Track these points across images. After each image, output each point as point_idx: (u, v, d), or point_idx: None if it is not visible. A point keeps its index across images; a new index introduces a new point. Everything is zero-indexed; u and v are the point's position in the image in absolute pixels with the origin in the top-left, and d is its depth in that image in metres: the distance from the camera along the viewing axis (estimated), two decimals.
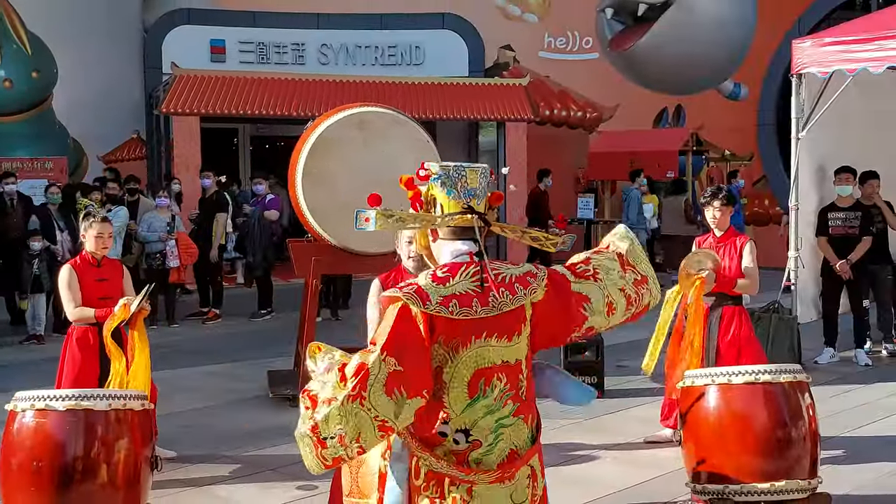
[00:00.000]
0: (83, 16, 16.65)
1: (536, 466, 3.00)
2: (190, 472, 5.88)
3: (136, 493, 4.43)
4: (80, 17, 16.61)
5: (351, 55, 17.98)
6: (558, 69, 18.78)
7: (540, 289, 2.92)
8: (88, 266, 5.85)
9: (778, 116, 18.65)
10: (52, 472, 4.23)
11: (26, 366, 8.99)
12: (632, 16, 19.08)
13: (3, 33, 15.69)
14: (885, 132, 9.50)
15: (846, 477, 5.53)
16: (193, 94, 14.69)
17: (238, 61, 17.23)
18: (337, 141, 7.12)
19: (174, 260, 10.95)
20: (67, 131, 16.74)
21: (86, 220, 6.00)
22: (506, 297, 2.85)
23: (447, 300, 2.80)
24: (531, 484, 2.98)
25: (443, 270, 2.89)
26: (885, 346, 9.17)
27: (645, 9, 18.80)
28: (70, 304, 5.77)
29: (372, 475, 3.32)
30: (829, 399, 7.08)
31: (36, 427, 4.31)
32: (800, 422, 4.63)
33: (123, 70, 17.42)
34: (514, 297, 2.86)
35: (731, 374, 4.72)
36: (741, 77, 19.79)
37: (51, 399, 4.35)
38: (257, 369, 8.53)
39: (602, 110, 17.68)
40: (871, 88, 8.83)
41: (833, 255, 8.74)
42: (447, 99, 15.89)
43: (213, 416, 7.21)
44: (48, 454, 4.25)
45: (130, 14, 18.08)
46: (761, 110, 19.74)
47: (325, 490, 4.97)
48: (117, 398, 4.43)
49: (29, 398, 4.39)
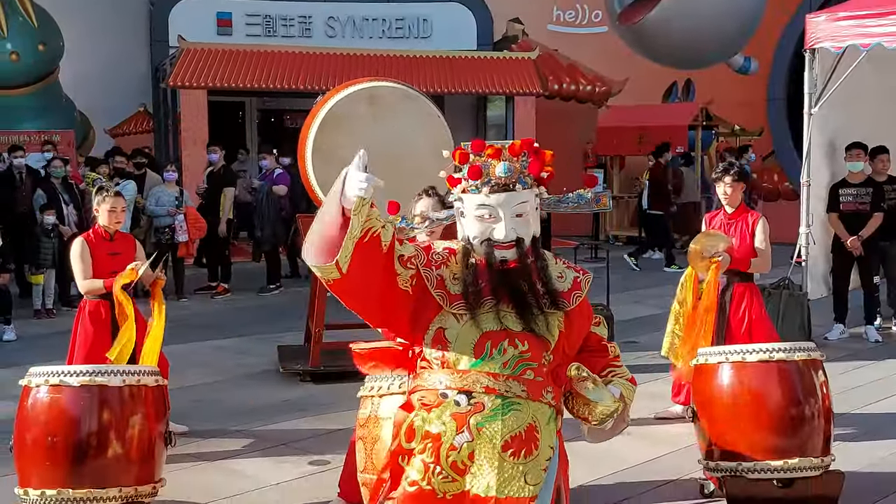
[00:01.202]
0: None
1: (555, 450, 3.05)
2: (202, 446, 5.91)
3: (149, 468, 4.45)
4: None
5: (358, 28, 17.87)
6: (567, 43, 18.64)
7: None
8: (101, 240, 5.85)
9: (788, 91, 18.50)
10: (66, 447, 4.24)
11: (36, 340, 9.03)
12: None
13: (10, 6, 15.60)
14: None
15: (859, 454, 5.53)
16: (200, 67, 14.63)
17: (244, 34, 17.13)
18: (347, 116, 7.08)
19: (183, 234, 10.95)
20: (74, 104, 16.70)
21: (98, 194, 6.00)
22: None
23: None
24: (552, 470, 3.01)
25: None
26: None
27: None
28: (81, 277, 5.78)
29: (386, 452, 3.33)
30: (839, 375, 7.06)
31: (50, 402, 4.32)
32: (813, 399, 4.62)
33: (130, 43, 17.34)
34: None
35: (745, 352, 4.71)
36: (751, 51, 19.57)
37: (65, 375, 4.35)
38: (267, 344, 8.55)
39: (611, 84, 17.55)
40: (884, 64, 8.75)
41: (844, 232, 8.71)
42: (455, 72, 15.79)
43: (223, 391, 7.23)
44: (62, 429, 4.26)
45: None
46: (771, 85, 19.56)
47: (337, 465, 5.01)
48: (131, 374, 4.44)
49: (43, 373, 4.39)
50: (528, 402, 2.94)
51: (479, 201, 3.01)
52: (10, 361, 7.92)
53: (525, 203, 3.03)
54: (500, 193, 2.99)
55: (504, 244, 3.00)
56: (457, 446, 2.89)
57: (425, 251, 3.07)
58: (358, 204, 2.74)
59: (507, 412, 2.91)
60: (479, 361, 2.95)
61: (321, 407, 6.70)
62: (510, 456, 2.88)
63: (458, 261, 3.06)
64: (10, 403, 5.20)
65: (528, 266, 3.04)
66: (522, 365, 2.97)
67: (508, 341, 2.96)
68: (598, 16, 19.55)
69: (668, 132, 15.66)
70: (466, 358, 2.96)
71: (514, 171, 3.01)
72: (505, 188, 3.00)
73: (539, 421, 2.95)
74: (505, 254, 3.02)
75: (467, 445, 2.88)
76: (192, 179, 12.97)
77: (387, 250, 2.88)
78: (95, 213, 5.97)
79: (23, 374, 4.53)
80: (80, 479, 4.22)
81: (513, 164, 3.01)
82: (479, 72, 15.93)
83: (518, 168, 3.02)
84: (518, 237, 3.01)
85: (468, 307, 2.97)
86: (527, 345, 2.98)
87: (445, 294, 3.01)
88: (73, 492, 4.20)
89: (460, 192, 3.08)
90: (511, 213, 3.00)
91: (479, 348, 2.96)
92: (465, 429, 2.89)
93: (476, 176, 3.00)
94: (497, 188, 3.00)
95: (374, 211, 2.81)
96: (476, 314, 2.97)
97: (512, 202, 2.99)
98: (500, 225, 2.99)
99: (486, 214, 3.01)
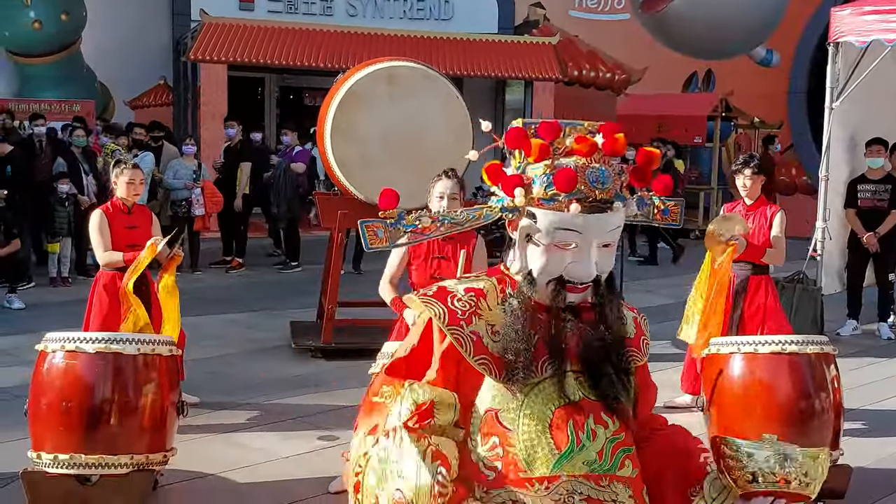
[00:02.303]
0: None
1: None
2: (211, 418, 5.95)
3: (161, 437, 4.47)
4: None
5: (379, 8, 17.84)
6: (588, 29, 18.57)
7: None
8: (119, 212, 5.87)
9: (809, 84, 18.37)
10: (80, 412, 4.26)
11: (51, 307, 9.08)
12: None
13: None
14: None
15: (868, 449, 5.52)
16: (221, 42, 14.64)
17: (266, 10, 17.15)
18: (366, 95, 7.08)
19: (199, 208, 11.00)
20: (95, 75, 16.74)
21: (117, 166, 6.02)
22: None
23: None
24: None
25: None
26: None
27: None
28: (100, 249, 5.80)
29: None
30: (850, 371, 7.03)
31: (66, 368, 4.34)
32: (823, 393, 4.60)
33: (151, 16, 17.36)
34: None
35: (756, 344, 4.69)
36: (774, 43, 19.47)
37: (81, 341, 4.37)
38: (280, 319, 8.59)
39: (631, 72, 17.48)
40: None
41: (861, 228, 8.66)
42: (475, 56, 15.75)
43: (235, 364, 7.27)
44: (77, 395, 4.28)
45: None
46: (793, 78, 19.45)
47: (345, 441, 5.01)
48: (146, 343, 4.46)
49: (59, 339, 4.42)
50: None
51: (565, 224, 2.09)
52: (25, 328, 7.99)
53: (618, 230, 2.17)
54: (593, 214, 2.09)
55: (580, 286, 2.14)
56: None
57: (439, 298, 2.20)
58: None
59: None
60: (566, 454, 2.05)
61: (331, 383, 6.74)
62: None
63: (490, 305, 2.19)
64: (26, 369, 5.23)
65: (606, 314, 2.18)
66: (621, 452, 2.12)
67: (595, 418, 2.10)
68: (620, 2, 19.48)
69: (687, 122, 15.61)
70: (545, 448, 2.05)
71: (614, 181, 2.12)
72: (601, 207, 2.10)
73: None
74: (576, 297, 2.15)
75: None
76: (209, 154, 13.01)
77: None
78: (114, 185, 6.00)
79: (38, 341, 4.56)
80: (93, 444, 4.24)
81: (611, 170, 2.12)
82: (498, 55, 15.89)
83: (615, 175, 2.13)
84: (597, 274, 2.15)
85: (520, 376, 2.10)
86: (617, 422, 2.13)
87: (490, 361, 2.13)
88: (86, 457, 4.22)
89: (525, 201, 2.13)
90: (600, 243, 2.14)
91: (559, 433, 2.07)
92: None
93: (568, 186, 2.06)
94: (591, 206, 2.09)
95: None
96: (535, 382, 2.12)
97: (605, 227, 2.12)
98: (585, 259, 2.11)
99: (572, 243, 2.11)
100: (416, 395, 2.08)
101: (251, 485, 4.92)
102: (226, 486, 4.91)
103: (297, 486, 4.89)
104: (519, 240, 2.18)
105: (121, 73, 16.70)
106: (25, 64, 15.98)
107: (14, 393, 6.08)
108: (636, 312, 2.37)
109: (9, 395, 6.20)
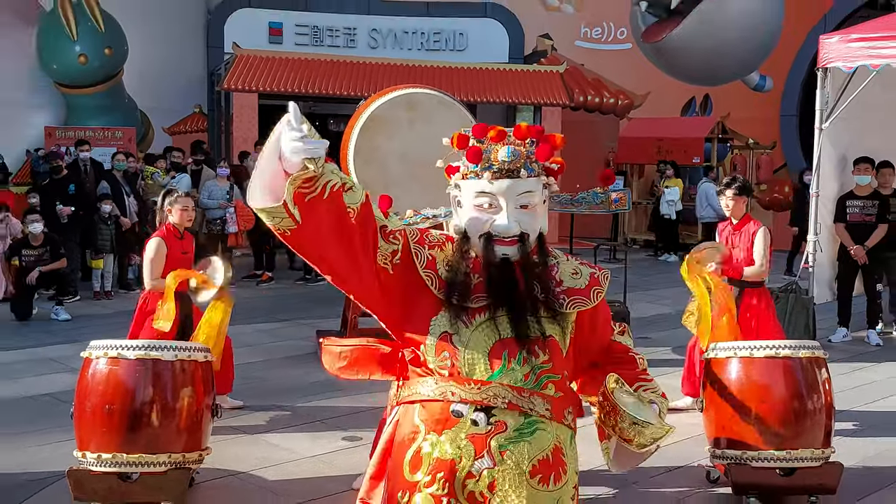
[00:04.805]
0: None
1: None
2: (245, 420, 5.97)
3: (197, 437, 4.49)
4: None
5: (399, 40, 17.90)
6: (593, 58, 18.57)
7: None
8: (175, 239, 5.95)
9: (800, 108, 18.33)
10: (122, 415, 4.28)
11: (94, 318, 9.16)
12: (665, 8, 18.80)
13: (80, 12, 15.81)
14: None
15: (857, 449, 5.48)
16: (252, 72, 14.74)
17: (294, 43, 17.22)
18: (387, 120, 7.11)
19: (233, 226, 11.08)
20: (136, 104, 16.88)
21: (169, 195, 6.09)
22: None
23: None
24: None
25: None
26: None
27: (678, 2, 18.52)
28: (149, 276, 5.86)
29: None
30: (841, 376, 6.99)
31: (108, 373, 4.36)
32: (815, 395, 4.58)
33: (188, 49, 17.48)
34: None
35: (752, 348, 4.68)
36: (767, 70, 19.41)
37: (122, 348, 4.40)
38: (307, 329, 8.62)
39: (633, 98, 17.48)
40: (892, 83, 8.64)
41: (850, 241, 8.62)
42: (488, 83, 15.80)
43: (266, 370, 7.30)
44: (119, 399, 4.31)
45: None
46: (785, 102, 19.36)
47: (368, 441, 5.02)
48: (183, 350, 4.48)
49: (102, 347, 4.44)
50: (551, 422, 2.38)
51: (479, 188, 2.42)
52: (70, 338, 8.06)
53: (531, 193, 2.43)
54: (503, 180, 2.40)
55: (506, 239, 2.40)
56: (475, 474, 2.30)
57: (420, 231, 2.54)
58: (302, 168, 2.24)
59: (533, 432, 2.34)
60: (498, 372, 2.35)
61: (354, 387, 6.70)
62: (539, 483, 2.33)
63: (453, 249, 2.48)
64: (72, 375, 5.28)
65: (532, 265, 2.44)
66: (545, 377, 2.39)
67: (528, 350, 2.37)
68: (622, 33, 19.47)
69: (686, 144, 15.59)
70: (482, 367, 2.36)
71: (520, 156, 2.43)
72: (509, 174, 2.41)
73: (563, 442, 2.41)
74: (506, 251, 2.40)
75: (488, 473, 2.30)
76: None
77: (357, 215, 2.33)
78: (168, 213, 6.04)
79: (83, 350, 4.59)
80: (134, 444, 4.27)
81: (518, 149, 2.44)
82: (509, 83, 15.93)
83: (524, 153, 2.44)
84: (522, 231, 2.41)
85: (455, 297, 2.39)
86: (548, 354, 2.40)
87: (434, 276, 2.42)
88: (127, 456, 4.25)
89: (458, 179, 2.50)
90: (515, 203, 2.41)
91: (496, 357, 2.37)
92: (485, 453, 2.30)
93: (475, 159, 2.43)
94: (500, 174, 2.41)
95: (329, 165, 2.30)
96: (472, 321, 2.39)
97: (516, 190, 2.41)
98: (502, 214, 2.40)
99: (487, 203, 2.42)
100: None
101: (280, 482, 4.93)
102: (257, 483, 4.93)
103: (324, 483, 4.90)
104: (453, 206, 2.53)
105: (159, 102, 16.82)
106: (72, 94, 16.12)
107: (60, 398, 6.12)
108: (597, 269, 2.61)
109: (56, 399, 6.25)
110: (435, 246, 2.48)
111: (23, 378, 6.98)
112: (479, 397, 2.33)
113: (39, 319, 9.26)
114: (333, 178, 2.28)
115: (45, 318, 9.24)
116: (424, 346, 2.41)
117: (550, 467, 2.36)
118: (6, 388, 6.70)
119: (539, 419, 2.36)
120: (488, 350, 2.37)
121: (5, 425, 5.77)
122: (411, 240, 2.45)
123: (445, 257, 2.46)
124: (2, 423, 5.82)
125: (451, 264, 2.43)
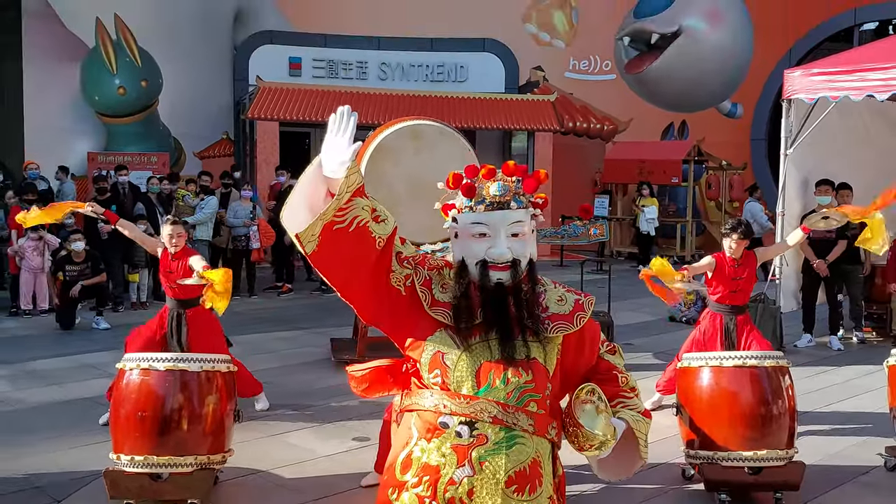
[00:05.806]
0: (185, 35, 16.76)
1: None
2: (265, 422, 5.95)
3: (221, 440, 4.50)
4: (183, 36, 16.73)
5: (405, 72, 17.94)
6: (581, 88, 18.60)
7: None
8: (166, 256, 5.94)
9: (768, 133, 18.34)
10: (153, 421, 4.30)
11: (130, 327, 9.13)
12: (646, 43, 18.85)
13: (119, 48, 15.90)
14: (862, 150, 9.32)
15: (819, 447, 5.46)
16: (274, 102, 14.77)
17: (312, 76, 17.27)
18: (393, 149, 7.12)
19: (256, 242, 11.09)
20: (170, 131, 16.94)
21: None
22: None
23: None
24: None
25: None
26: (856, 333, 9.01)
27: (657, 38, 18.58)
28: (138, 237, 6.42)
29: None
30: (805, 379, 6.98)
31: (141, 383, 4.37)
32: (780, 400, 4.57)
33: (216, 81, 17.54)
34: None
35: (722, 359, 4.67)
36: (738, 98, 19.45)
37: (153, 360, 4.41)
38: (322, 337, 8.60)
39: (618, 123, 17.48)
40: (850, 113, 8.67)
41: (813, 255, 8.60)
42: (486, 111, 15.81)
43: (284, 375, 7.27)
44: (150, 406, 4.32)
45: (223, 35, 18.16)
46: (754, 127, 19.38)
47: (376, 442, 5.01)
48: (208, 361, 4.49)
49: (135, 359, 4.46)
50: (532, 437, 2.39)
51: (474, 219, 2.47)
52: (109, 346, 8.07)
53: (521, 223, 2.47)
54: (495, 211, 2.46)
55: (499, 264, 2.43)
56: (456, 481, 2.32)
57: (423, 255, 2.59)
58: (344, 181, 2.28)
59: (512, 446, 2.35)
60: (483, 390, 2.37)
61: None
62: (514, 493, 2.34)
63: (451, 275, 2.51)
64: (110, 380, 5.29)
65: (522, 291, 2.47)
66: (527, 396, 2.40)
67: (512, 371, 2.38)
68: (608, 66, 19.50)
69: (665, 165, 15.59)
70: (469, 385, 2.38)
71: (509, 190, 2.49)
72: (500, 206, 2.46)
73: (542, 456, 2.41)
74: (500, 275, 2.43)
75: (467, 480, 2.32)
76: (264, 196, 13.07)
77: (382, 247, 2.39)
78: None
79: (119, 357, 4.62)
80: (164, 447, 4.28)
81: (507, 184, 2.50)
82: (506, 111, 15.94)
83: (513, 188, 2.50)
84: (514, 258, 2.44)
85: (455, 320, 2.42)
86: (531, 374, 2.41)
87: (429, 294, 2.46)
88: (157, 458, 4.26)
89: (455, 213, 2.53)
90: (507, 232, 2.45)
91: (482, 376, 2.39)
92: (465, 462, 2.33)
93: (470, 194, 2.48)
94: (492, 206, 2.46)
95: (362, 201, 2.33)
96: (469, 342, 2.42)
97: (507, 220, 2.45)
98: (496, 242, 2.43)
99: (481, 233, 2.45)
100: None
101: (297, 480, 4.92)
102: (276, 481, 4.92)
103: (336, 480, 4.89)
104: (451, 238, 2.55)
105: (191, 129, 16.87)
106: (111, 123, 16.19)
107: (100, 401, 6.12)
108: (582, 295, 2.62)
109: (95, 403, 6.25)
110: (434, 268, 2.52)
111: (66, 383, 6.99)
112: (467, 411, 2.36)
113: (81, 329, 9.27)
114: (362, 214, 2.33)
115: (87, 328, 9.25)
116: (419, 364, 2.46)
117: (527, 479, 2.36)
118: (52, 393, 6.70)
119: (521, 433, 2.37)
120: (476, 369, 2.39)
121: (51, 428, 5.77)
122: (415, 263, 2.50)
123: (442, 280, 2.49)
124: (48, 426, 5.82)
125: (454, 291, 2.45)
